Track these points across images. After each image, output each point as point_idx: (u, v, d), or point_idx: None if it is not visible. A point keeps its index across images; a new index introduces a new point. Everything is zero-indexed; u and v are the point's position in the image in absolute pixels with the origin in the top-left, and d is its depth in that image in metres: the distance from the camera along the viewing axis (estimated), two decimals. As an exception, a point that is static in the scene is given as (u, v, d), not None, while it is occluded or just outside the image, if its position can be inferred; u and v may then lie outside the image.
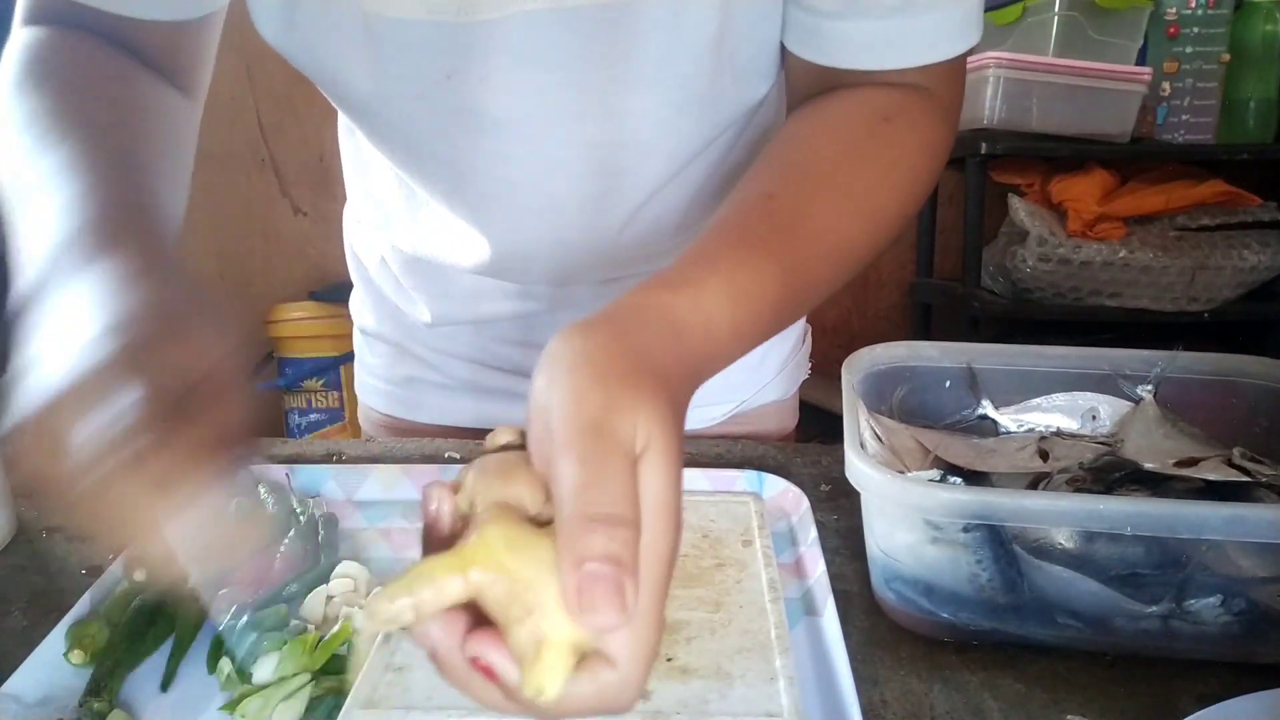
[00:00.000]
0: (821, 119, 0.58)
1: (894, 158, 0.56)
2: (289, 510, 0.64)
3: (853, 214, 0.53)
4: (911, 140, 0.57)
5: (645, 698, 0.47)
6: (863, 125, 0.57)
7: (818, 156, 0.55)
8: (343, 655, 0.52)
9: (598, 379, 0.35)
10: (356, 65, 0.58)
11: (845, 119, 0.57)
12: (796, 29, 0.59)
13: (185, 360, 0.36)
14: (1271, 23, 1.90)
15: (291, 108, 2.27)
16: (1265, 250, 1.91)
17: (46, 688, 0.49)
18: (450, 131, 0.62)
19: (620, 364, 0.36)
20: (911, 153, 0.57)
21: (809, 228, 0.51)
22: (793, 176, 0.54)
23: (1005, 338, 2.06)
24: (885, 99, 0.58)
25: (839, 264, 0.53)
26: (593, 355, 0.36)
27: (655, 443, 0.34)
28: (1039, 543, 0.51)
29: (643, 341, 0.39)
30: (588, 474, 0.33)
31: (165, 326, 0.37)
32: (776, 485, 0.68)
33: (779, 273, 0.47)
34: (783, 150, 0.57)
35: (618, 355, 0.37)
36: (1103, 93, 1.85)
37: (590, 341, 0.37)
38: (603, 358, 0.36)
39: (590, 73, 0.58)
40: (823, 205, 0.52)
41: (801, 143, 0.57)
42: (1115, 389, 0.66)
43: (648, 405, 0.35)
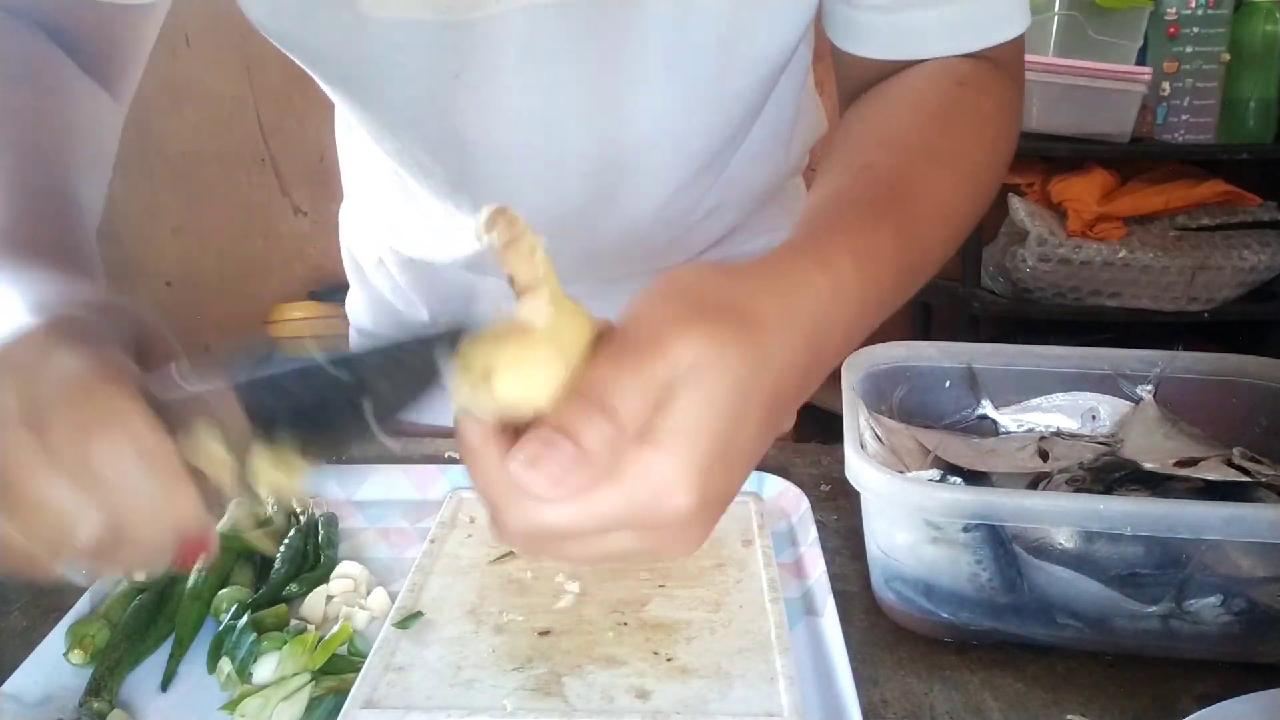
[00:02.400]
0: (896, 93, 0.57)
1: (978, 118, 0.56)
2: (289, 510, 0.64)
3: (950, 176, 0.52)
4: (987, 102, 0.57)
5: (645, 697, 0.47)
6: (938, 93, 0.56)
7: (903, 125, 0.54)
8: (343, 655, 0.52)
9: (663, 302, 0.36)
10: (369, 69, 0.58)
11: (921, 89, 0.57)
12: (848, 26, 0.59)
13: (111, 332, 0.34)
14: (1271, 23, 1.89)
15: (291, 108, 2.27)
16: (1265, 250, 1.91)
17: (46, 688, 0.49)
18: (453, 130, 0.62)
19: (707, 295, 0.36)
20: (991, 112, 0.57)
21: (915, 192, 0.50)
22: (885, 147, 0.53)
23: (1005, 338, 2.06)
24: (955, 66, 0.57)
25: (946, 226, 0.52)
26: (690, 283, 0.37)
27: (700, 376, 0.34)
28: (1039, 543, 0.51)
29: (752, 292, 0.38)
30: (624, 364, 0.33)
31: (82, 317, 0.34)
32: (776, 485, 0.68)
33: (895, 234, 0.46)
34: (866, 128, 0.56)
35: (708, 286, 0.37)
36: (1103, 93, 1.85)
37: (696, 272, 0.38)
38: (689, 284, 0.37)
39: (595, 69, 0.58)
40: (921, 169, 0.51)
41: (884, 117, 0.56)
42: (1115, 389, 0.66)
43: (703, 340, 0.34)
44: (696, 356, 0.34)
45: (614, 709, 0.46)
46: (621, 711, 0.46)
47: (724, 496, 0.36)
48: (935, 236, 0.50)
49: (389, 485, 0.70)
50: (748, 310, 0.37)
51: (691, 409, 0.34)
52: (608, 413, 0.33)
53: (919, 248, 0.49)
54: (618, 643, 0.51)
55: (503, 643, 0.51)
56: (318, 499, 0.67)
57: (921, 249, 0.49)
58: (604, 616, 0.53)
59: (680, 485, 0.33)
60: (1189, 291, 1.91)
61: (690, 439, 0.34)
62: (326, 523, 0.63)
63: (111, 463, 0.29)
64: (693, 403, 0.34)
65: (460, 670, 0.49)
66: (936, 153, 0.52)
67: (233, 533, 0.60)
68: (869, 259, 0.44)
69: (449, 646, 0.50)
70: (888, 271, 0.45)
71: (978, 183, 0.55)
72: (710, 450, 0.34)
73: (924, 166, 0.51)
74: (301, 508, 0.64)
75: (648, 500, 0.33)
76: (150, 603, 0.55)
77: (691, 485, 0.33)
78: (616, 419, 0.33)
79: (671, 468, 0.33)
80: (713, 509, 0.36)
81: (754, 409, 0.36)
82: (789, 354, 0.38)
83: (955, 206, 0.52)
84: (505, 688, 0.47)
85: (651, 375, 0.34)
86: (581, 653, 0.50)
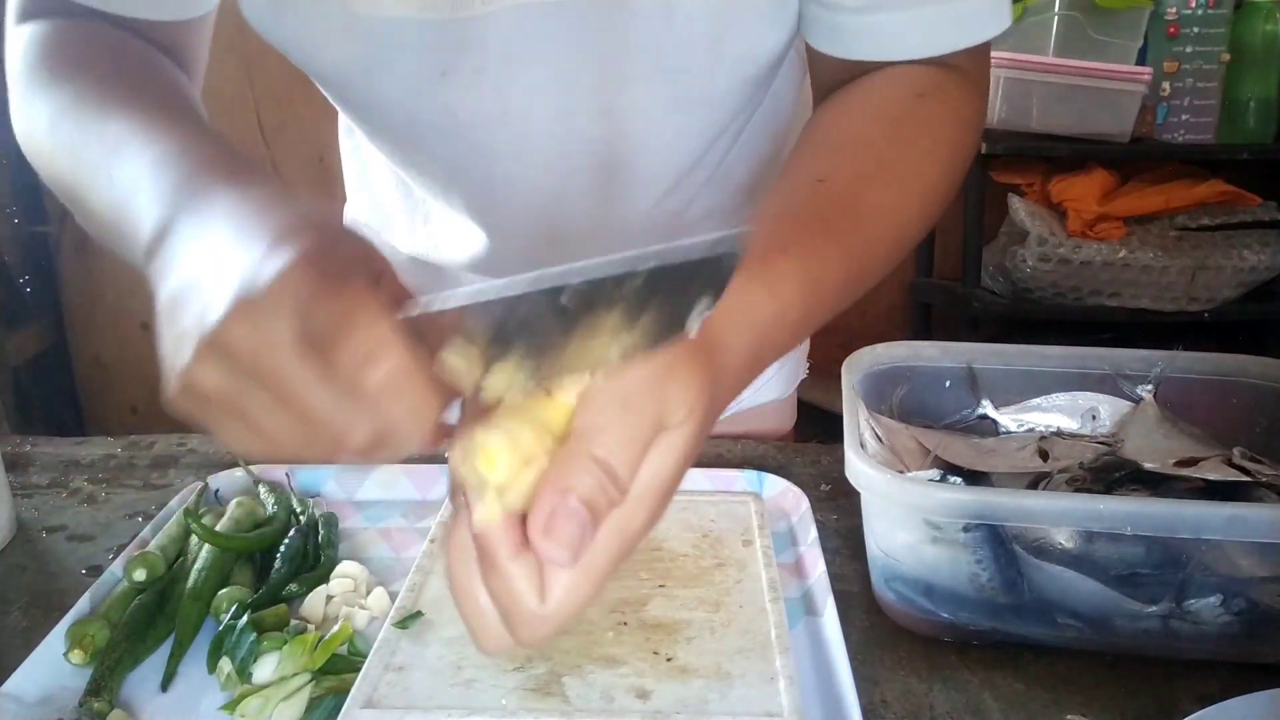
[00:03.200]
0: (857, 101, 0.58)
1: (934, 133, 0.56)
2: (289, 510, 0.64)
3: (903, 193, 0.53)
4: (948, 115, 0.57)
5: (645, 697, 0.47)
6: (899, 103, 0.57)
7: (860, 139, 0.55)
8: (343, 655, 0.52)
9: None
10: (354, 65, 0.58)
11: (880, 99, 0.57)
12: (819, 26, 0.59)
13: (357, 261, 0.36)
14: (1271, 23, 1.89)
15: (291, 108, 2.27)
16: (1265, 250, 1.91)
17: (46, 688, 0.49)
18: (445, 128, 0.62)
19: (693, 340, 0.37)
20: (950, 126, 0.57)
21: (865, 210, 0.51)
22: (840, 160, 0.54)
23: (1005, 338, 2.06)
24: (917, 76, 0.58)
25: (894, 243, 0.53)
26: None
27: (687, 426, 0.35)
28: (1039, 543, 0.51)
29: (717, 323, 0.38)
30: (616, 423, 0.34)
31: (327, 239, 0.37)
32: (776, 485, 0.68)
33: (844, 257, 0.48)
34: (824, 135, 0.57)
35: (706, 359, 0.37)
36: (1103, 93, 1.85)
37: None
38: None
39: (582, 68, 0.58)
40: (874, 187, 0.52)
41: (842, 127, 0.57)
42: (1115, 389, 0.66)
43: (699, 387, 0.36)
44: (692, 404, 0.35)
45: (614, 709, 0.46)
46: (621, 711, 0.46)
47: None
48: (881, 253, 0.52)
49: (389, 485, 0.70)
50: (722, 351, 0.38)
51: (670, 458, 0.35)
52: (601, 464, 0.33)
53: (864, 264, 0.50)
54: (618, 643, 0.51)
55: (503, 643, 0.51)
56: (318, 499, 0.67)
57: (867, 265, 0.50)
58: (604, 616, 0.53)
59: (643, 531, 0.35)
60: (1189, 291, 1.92)
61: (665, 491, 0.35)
62: (326, 523, 0.63)
63: (382, 384, 0.32)
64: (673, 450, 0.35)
65: (460, 670, 0.48)
66: (890, 168, 0.53)
67: (233, 532, 0.60)
68: (814, 283, 0.45)
69: (449, 646, 0.50)
70: (830, 290, 0.47)
71: (930, 198, 0.55)
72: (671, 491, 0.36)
73: (876, 184, 0.52)
74: (301, 507, 0.64)
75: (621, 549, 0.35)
76: (150, 603, 0.55)
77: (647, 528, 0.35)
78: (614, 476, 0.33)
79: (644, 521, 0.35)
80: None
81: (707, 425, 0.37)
82: (733, 383, 0.40)
83: (905, 225, 0.54)
84: (505, 688, 0.47)
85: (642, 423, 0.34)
86: (581, 653, 0.50)
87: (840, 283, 0.47)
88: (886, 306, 2.45)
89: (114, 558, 0.60)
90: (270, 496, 0.65)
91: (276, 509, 0.64)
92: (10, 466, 0.74)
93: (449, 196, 0.70)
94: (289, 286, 0.33)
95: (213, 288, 0.35)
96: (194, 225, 0.39)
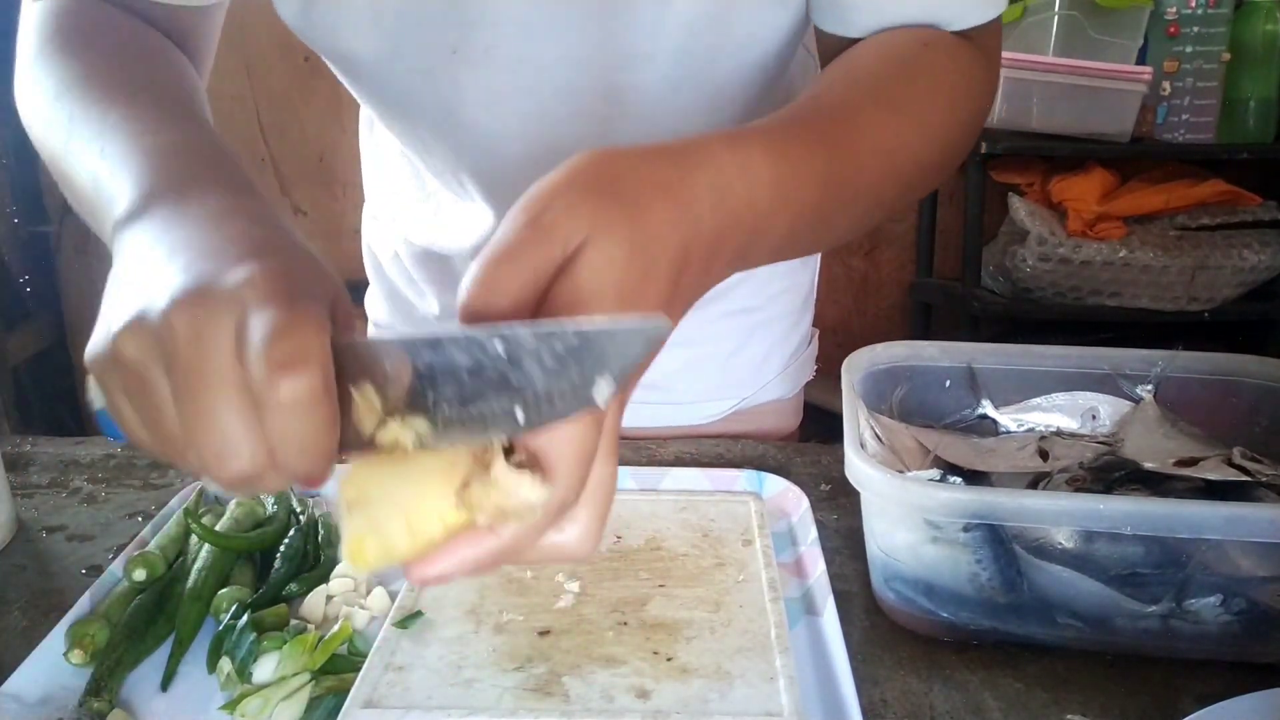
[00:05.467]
0: (863, 46, 0.58)
1: (936, 76, 0.56)
2: (289, 510, 0.64)
3: (899, 120, 0.53)
4: (951, 64, 0.57)
5: (645, 697, 0.47)
6: (903, 49, 0.57)
7: (861, 69, 0.55)
8: (343, 655, 0.52)
9: (547, 188, 0.36)
10: (366, 43, 0.59)
11: (885, 44, 0.57)
12: (822, 5, 0.59)
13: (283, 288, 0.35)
14: (1271, 22, 1.89)
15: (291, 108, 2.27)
16: (1265, 250, 1.91)
17: (46, 688, 0.49)
18: (455, 107, 0.63)
19: (589, 172, 0.37)
20: (953, 74, 0.57)
21: (855, 121, 0.50)
22: (837, 83, 0.53)
23: (1005, 338, 2.06)
24: (924, 32, 0.58)
25: (891, 167, 0.52)
26: (572, 164, 0.37)
27: (589, 243, 0.34)
28: (1039, 542, 0.51)
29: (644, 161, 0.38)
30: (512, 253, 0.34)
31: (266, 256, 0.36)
32: (776, 485, 0.68)
33: (825, 151, 0.46)
34: (826, 71, 0.57)
35: (594, 164, 0.37)
36: (1103, 92, 1.85)
37: (595, 155, 0.38)
38: (576, 166, 0.37)
39: (588, 47, 0.59)
40: (869, 107, 0.51)
41: (843, 64, 0.57)
42: (1115, 389, 0.66)
43: (582, 207, 0.35)
44: (582, 232, 0.34)
45: (614, 709, 0.46)
46: (621, 711, 0.46)
47: None
48: (874, 167, 0.50)
49: (389, 485, 0.70)
50: (637, 180, 0.37)
51: (589, 275, 0.34)
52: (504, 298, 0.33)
53: (850, 169, 0.48)
54: (618, 642, 0.51)
55: (503, 642, 0.51)
56: (318, 499, 0.67)
57: (853, 170, 0.49)
58: (604, 616, 0.53)
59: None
60: (1189, 291, 1.91)
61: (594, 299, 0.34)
62: (326, 522, 0.63)
63: (290, 397, 0.31)
64: (590, 268, 0.34)
65: (460, 670, 0.48)
66: (888, 97, 0.53)
67: (233, 532, 0.60)
68: (784, 156, 0.44)
69: (449, 646, 0.50)
70: (809, 174, 0.45)
71: (931, 135, 0.54)
72: (618, 302, 0.34)
73: (870, 104, 0.51)
74: (301, 507, 0.64)
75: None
76: (150, 603, 0.55)
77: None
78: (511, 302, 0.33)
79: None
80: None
81: (659, 272, 0.36)
82: (690, 220, 0.38)
83: (903, 147, 0.52)
84: (505, 687, 0.47)
85: (537, 257, 0.34)
86: (581, 652, 0.50)
87: (823, 174, 0.46)
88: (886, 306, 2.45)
89: (114, 557, 0.60)
90: (270, 496, 0.65)
91: (276, 509, 0.64)
92: (10, 466, 0.74)
93: (459, 178, 0.71)
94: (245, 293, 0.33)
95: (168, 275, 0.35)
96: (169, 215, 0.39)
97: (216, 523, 0.61)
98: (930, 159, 0.55)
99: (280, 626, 0.53)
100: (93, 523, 0.67)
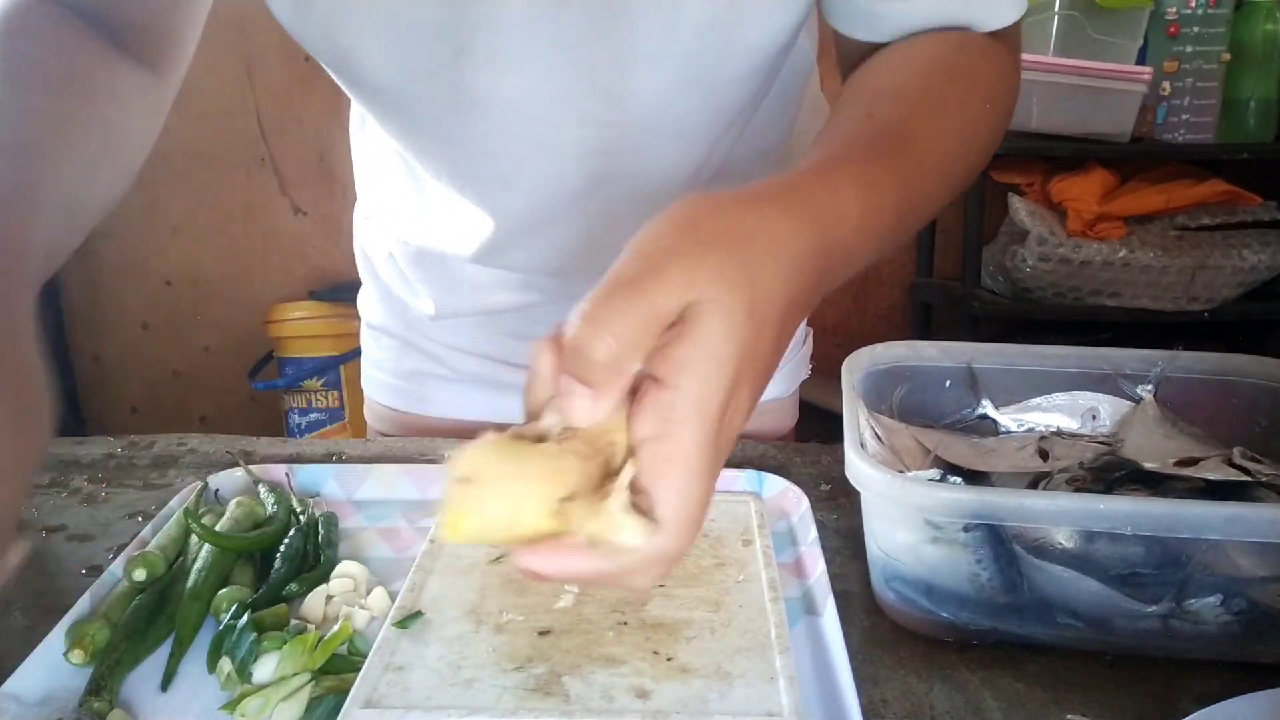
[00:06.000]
0: (897, 53, 0.59)
1: (973, 77, 0.57)
2: (289, 510, 0.64)
3: (948, 126, 0.54)
4: (985, 65, 0.58)
5: (645, 697, 0.47)
6: (939, 53, 0.57)
7: (904, 79, 0.56)
8: (343, 655, 0.52)
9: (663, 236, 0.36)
10: (367, 46, 0.59)
11: (921, 51, 0.58)
12: (849, 14, 0.60)
13: None
14: (1271, 22, 1.90)
15: (291, 108, 2.27)
16: (1265, 250, 1.91)
17: (46, 688, 0.49)
18: (456, 110, 0.62)
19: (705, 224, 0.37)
20: (990, 74, 0.58)
21: (913, 139, 0.51)
22: (886, 98, 0.54)
23: (1005, 338, 2.06)
24: (954, 36, 0.59)
25: (945, 176, 0.53)
26: (684, 212, 0.37)
27: (712, 302, 0.35)
28: (1039, 542, 0.51)
29: (752, 212, 0.39)
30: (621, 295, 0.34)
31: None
32: (776, 485, 0.68)
33: (896, 173, 0.48)
34: (868, 82, 0.57)
35: (708, 214, 0.37)
36: (1103, 92, 1.85)
37: (706, 203, 0.38)
38: (689, 215, 0.37)
39: (591, 50, 0.59)
40: (921, 120, 0.52)
41: (885, 75, 0.57)
42: (1115, 389, 0.66)
43: (703, 264, 0.35)
44: (702, 291, 0.35)
45: (614, 709, 0.46)
46: (621, 711, 0.46)
47: (741, 422, 0.37)
48: (933, 181, 0.52)
49: (389, 485, 0.70)
50: (752, 235, 0.37)
51: (702, 346, 0.34)
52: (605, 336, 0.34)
53: (918, 190, 0.50)
54: (618, 642, 0.51)
55: (503, 642, 0.51)
56: (318, 499, 0.67)
57: (921, 192, 0.50)
58: (604, 616, 0.53)
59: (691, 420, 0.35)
60: (1189, 291, 1.92)
61: (703, 378, 0.34)
62: (326, 523, 0.63)
63: None
64: (716, 335, 0.35)
65: (460, 670, 0.49)
66: (936, 104, 0.54)
67: (233, 532, 0.60)
68: (871, 189, 0.45)
69: (449, 646, 0.50)
70: (889, 205, 0.46)
71: (974, 135, 0.56)
72: (727, 385, 0.35)
73: (924, 116, 0.52)
74: (301, 507, 0.64)
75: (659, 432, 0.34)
76: (150, 603, 0.55)
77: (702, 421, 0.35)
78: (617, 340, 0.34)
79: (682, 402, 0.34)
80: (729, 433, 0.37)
81: (768, 331, 0.37)
82: (796, 275, 0.39)
83: (953, 155, 0.54)
84: (505, 687, 0.47)
85: (650, 305, 0.34)
86: (581, 652, 0.50)
87: (895, 198, 0.47)
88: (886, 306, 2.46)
89: (114, 558, 0.60)
90: (270, 496, 0.65)
91: (276, 509, 0.64)
92: (10, 466, 0.74)
93: (458, 183, 0.70)
94: None
95: None
96: None
97: (216, 523, 0.61)
98: (973, 161, 0.57)
99: (280, 626, 0.53)
100: (93, 523, 0.67)
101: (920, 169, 0.50)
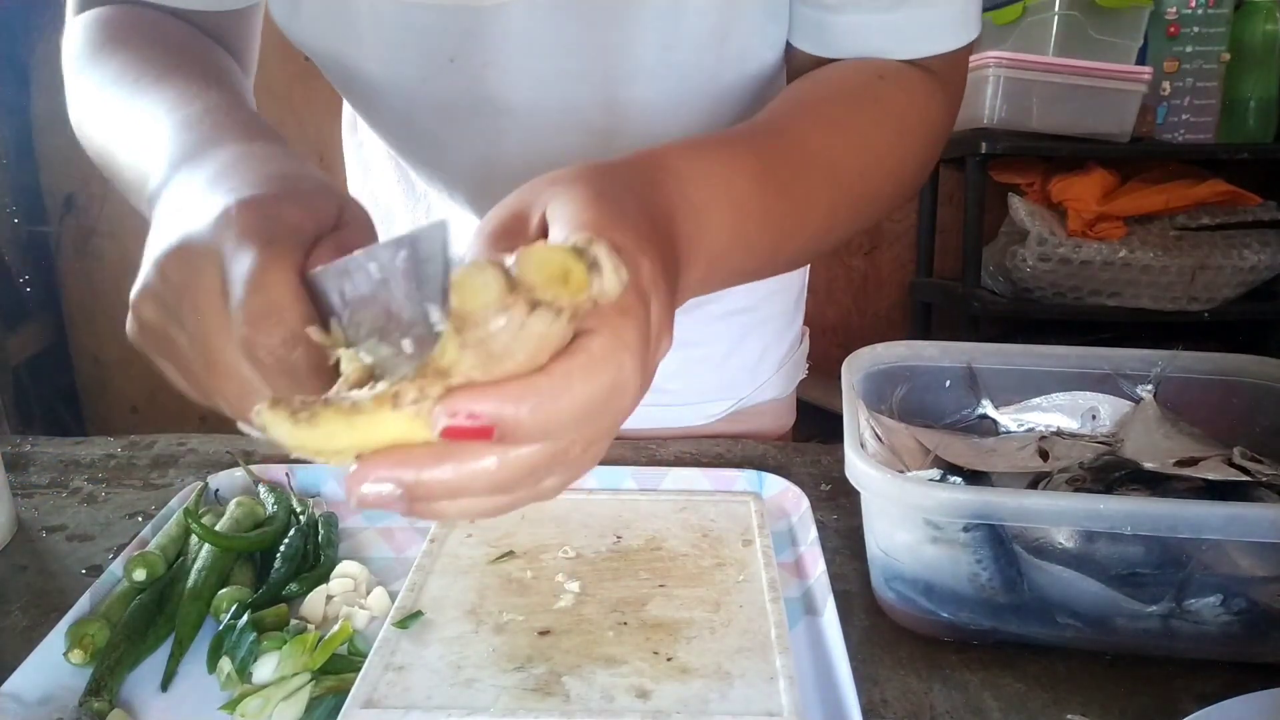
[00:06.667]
0: (817, 75, 0.59)
1: (884, 107, 0.57)
2: (289, 510, 0.64)
3: (845, 144, 0.54)
4: (903, 97, 0.58)
5: (645, 697, 0.47)
6: (856, 78, 0.58)
7: (809, 95, 0.56)
8: (343, 655, 0.52)
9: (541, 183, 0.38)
10: (362, 48, 0.59)
11: (840, 73, 0.58)
12: (800, 24, 0.60)
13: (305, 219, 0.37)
14: (1271, 22, 1.90)
15: (291, 108, 2.27)
16: (1265, 250, 1.91)
17: (46, 688, 0.49)
18: (451, 117, 0.63)
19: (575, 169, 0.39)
20: (904, 106, 0.58)
21: (798, 142, 0.51)
22: (783, 107, 0.55)
23: (1005, 337, 2.06)
24: (883, 64, 0.59)
25: (835, 188, 0.53)
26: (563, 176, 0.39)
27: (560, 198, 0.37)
28: (1039, 542, 0.51)
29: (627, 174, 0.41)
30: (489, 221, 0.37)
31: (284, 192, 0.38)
32: (776, 485, 0.68)
33: (758, 162, 0.48)
34: (782, 94, 0.58)
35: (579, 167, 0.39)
36: (1103, 92, 1.85)
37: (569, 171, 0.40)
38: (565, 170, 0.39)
39: (589, 61, 0.59)
40: (814, 130, 0.53)
41: (793, 90, 0.58)
42: (1115, 389, 0.66)
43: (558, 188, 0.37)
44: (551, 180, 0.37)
45: (614, 709, 0.46)
46: (621, 711, 0.46)
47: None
48: (818, 192, 0.52)
49: (389, 485, 0.70)
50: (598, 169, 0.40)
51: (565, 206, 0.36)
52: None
53: (791, 187, 0.50)
54: (618, 642, 0.51)
55: (503, 642, 0.51)
56: (318, 499, 0.67)
57: (795, 191, 0.50)
58: (604, 616, 0.53)
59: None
60: (1189, 291, 1.92)
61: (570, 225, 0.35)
62: (326, 522, 0.63)
63: (267, 355, 0.33)
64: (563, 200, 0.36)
65: (460, 670, 0.49)
66: (834, 121, 0.54)
67: (233, 532, 0.60)
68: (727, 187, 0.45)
69: (449, 646, 0.50)
70: (752, 210, 0.46)
71: (878, 161, 0.56)
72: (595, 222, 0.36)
73: (816, 130, 0.53)
74: (301, 507, 0.64)
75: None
76: (150, 603, 0.55)
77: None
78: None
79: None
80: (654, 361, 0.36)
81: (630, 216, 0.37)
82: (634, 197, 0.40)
83: (848, 171, 0.54)
84: (505, 687, 0.47)
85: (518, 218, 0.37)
86: (581, 652, 0.50)
87: (761, 207, 0.47)
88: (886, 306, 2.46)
89: (114, 557, 0.60)
90: (270, 496, 0.65)
91: (276, 509, 0.64)
92: (10, 466, 0.74)
93: (451, 189, 0.70)
94: (222, 237, 0.35)
95: (167, 235, 0.37)
96: (187, 175, 0.41)
97: (216, 523, 0.61)
98: (883, 187, 0.56)
99: (280, 626, 0.53)
100: (93, 523, 0.67)
101: (799, 169, 0.50)
